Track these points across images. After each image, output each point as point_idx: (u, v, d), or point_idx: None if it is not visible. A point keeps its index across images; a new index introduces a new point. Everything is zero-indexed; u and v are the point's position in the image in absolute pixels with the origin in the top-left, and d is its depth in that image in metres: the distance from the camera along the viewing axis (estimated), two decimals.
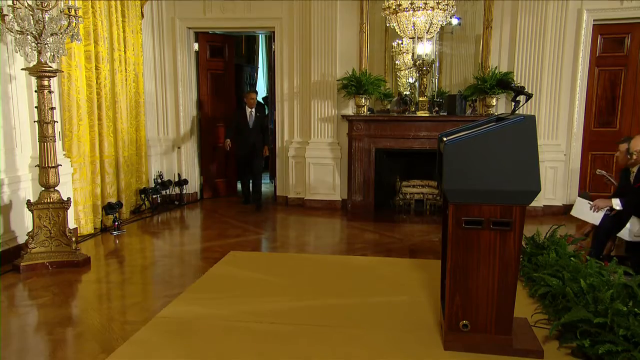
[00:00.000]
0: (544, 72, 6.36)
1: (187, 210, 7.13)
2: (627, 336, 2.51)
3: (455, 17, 6.43)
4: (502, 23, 6.42)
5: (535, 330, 3.05)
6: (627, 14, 6.24)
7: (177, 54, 7.23)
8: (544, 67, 6.34)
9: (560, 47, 6.34)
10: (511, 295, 2.80)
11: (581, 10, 6.29)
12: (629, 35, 6.39)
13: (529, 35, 6.29)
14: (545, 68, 6.36)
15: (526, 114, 2.80)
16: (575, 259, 3.78)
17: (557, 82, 6.42)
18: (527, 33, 6.29)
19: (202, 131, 7.68)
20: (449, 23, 6.31)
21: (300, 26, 6.89)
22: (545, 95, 6.41)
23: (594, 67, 6.50)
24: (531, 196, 2.67)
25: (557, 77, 6.41)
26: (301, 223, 6.40)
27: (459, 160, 2.68)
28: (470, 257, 2.79)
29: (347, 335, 3.11)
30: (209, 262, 4.61)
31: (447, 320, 2.91)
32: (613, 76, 6.51)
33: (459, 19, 6.66)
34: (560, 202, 6.64)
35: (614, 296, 2.81)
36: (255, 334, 3.12)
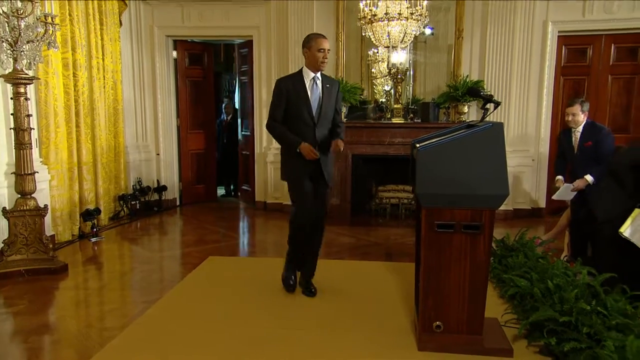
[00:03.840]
0: (513, 80, 6.48)
1: (166, 216, 7.04)
2: (590, 334, 2.56)
3: (428, 27, 6.52)
4: (473, 33, 6.53)
5: (505, 329, 3.10)
6: (589, 26, 6.40)
7: (156, 61, 7.16)
8: (512, 75, 6.46)
9: (527, 57, 6.47)
10: (482, 297, 2.84)
11: (546, 22, 6.44)
12: (591, 46, 6.56)
13: (498, 46, 6.41)
14: (514, 77, 6.48)
15: (494, 121, 2.85)
16: (542, 260, 3.86)
17: (525, 90, 6.55)
18: (496, 43, 6.41)
19: (182, 138, 7.61)
20: (422, 33, 6.39)
21: (278, 35, 6.90)
22: (514, 103, 6.53)
23: (559, 76, 6.65)
24: (500, 200, 2.71)
25: (525, 85, 6.54)
26: (280, 228, 6.36)
27: (430, 165, 2.71)
28: (442, 259, 2.82)
29: (324, 338, 3.10)
30: (188, 268, 4.56)
31: (421, 322, 2.93)
32: (577, 85, 6.67)
33: (431, 29, 6.75)
34: (530, 205, 6.76)
35: (579, 296, 2.87)
36: (234, 339, 3.09)
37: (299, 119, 3.59)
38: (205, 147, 7.88)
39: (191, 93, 7.62)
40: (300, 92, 3.58)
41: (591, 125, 4.49)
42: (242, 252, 5.36)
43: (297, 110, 3.58)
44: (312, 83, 3.60)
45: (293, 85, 3.58)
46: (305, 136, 3.57)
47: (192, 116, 7.67)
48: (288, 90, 3.57)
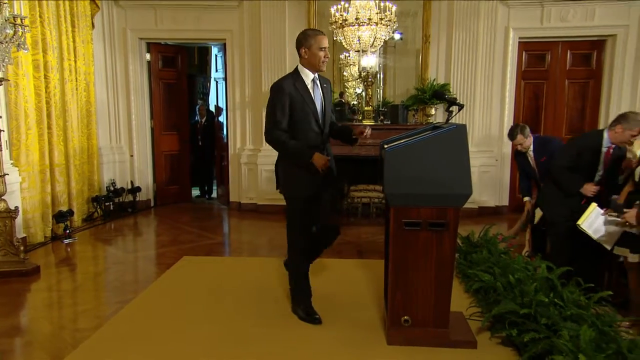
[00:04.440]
0: (477, 84, 6.60)
1: (140, 217, 6.92)
2: (548, 324, 2.64)
3: (397, 32, 6.59)
4: (439, 38, 6.63)
5: (470, 322, 3.16)
6: (547, 33, 6.58)
7: (129, 63, 7.03)
8: (476, 79, 6.58)
9: (490, 62, 6.61)
10: (448, 291, 2.89)
11: (508, 29, 6.59)
12: (549, 52, 6.75)
13: (463, 50, 6.52)
14: (478, 80, 6.60)
15: (458, 123, 2.90)
16: (505, 255, 3.95)
17: (488, 93, 6.68)
18: (461, 48, 6.52)
19: (155, 139, 7.49)
20: (391, 38, 6.46)
21: (251, 39, 6.87)
22: (478, 105, 6.66)
23: (520, 80, 6.81)
24: (463, 199, 2.77)
25: (489, 88, 6.67)
26: (254, 227, 6.35)
27: (398, 166, 2.75)
28: (410, 256, 2.86)
29: (296, 335, 3.11)
30: (163, 268, 4.50)
31: (390, 316, 2.97)
32: (536, 89, 6.85)
33: (400, 34, 6.83)
34: (494, 203, 6.90)
35: (537, 289, 2.96)
36: (208, 337, 3.07)
37: (307, 126, 3.12)
38: (179, 149, 7.78)
39: (165, 95, 7.52)
40: (304, 95, 3.11)
41: (540, 141, 4.59)
42: (217, 252, 5.30)
43: (304, 116, 3.10)
44: (312, 85, 3.17)
45: (295, 88, 3.10)
46: (313, 144, 3.12)
47: (166, 118, 7.57)
48: (291, 94, 3.08)
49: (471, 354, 2.83)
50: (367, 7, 5.71)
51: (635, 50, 6.39)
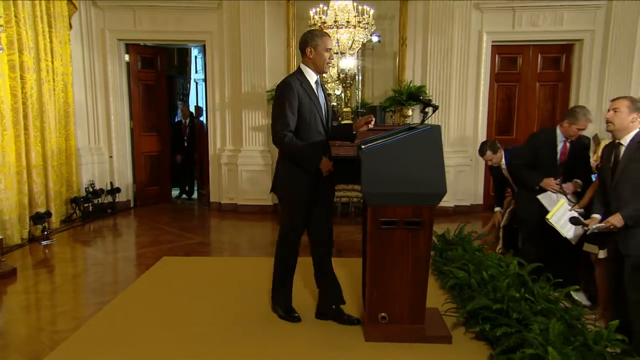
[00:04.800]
0: (452, 86, 6.67)
1: (120, 218, 6.81)
2: (519, 319, 2.69)
3: (375, 34, 6.62)
4: (415, 41, 6.69)
5: (445, 318, 3.20)
6: (518, 37, 6.70)
7: (108, 64, 6.91)
8: (452, 81, 6.65)
9: (465, 64, 6.69)
10: (423, 288, 2.92)
11: (481, 32, 6.68)
12: (521, 55, 6.88)
13: (438, 53, 6.59)
14: (453, 82, 6.67)
15: (433, 124, 2.94)
16: (479, 253, 4.01)
17: (463, 95, 6.76)
18: (436, 51, 6.59)
19: (135, 140, 7.38)
20: (369, 40, 6.49)
21: (230, 40, 6.83)
22: (453, 107, 6.73)
23: (493, 82, 6.92)
24: (438, 198, 2.80)
25: (464, 90, 6.76)
26: (234, 227, 6.31)
27: (374, 166, 2.77)
28: (386, 254, 2.89)
29: (276, 333, 3.11)
30: (142, 269, 4.44)
31: (367, 313, 2.99)
32: (509, 91, 6.97)
33: (378, 36, 6.86)
34: (469, 202, 6.99)
35: (510, 284, 3.01)
36: (187, 338, 3.04)
37: (314, 127, 3.01)
38: (159, 149, 7.68)
39: (144, 96, 7.41)
40: (311, 96, 3.00)
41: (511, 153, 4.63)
42: (197, 252, 5.25)
43: (311, 117, 2.99)
44: (317, 86, 3.07)
45: (303, 88, 2.98)
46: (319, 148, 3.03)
47: (146, 119, 7.47)
48: (300, 94, 2.95)
49: (446, 349, 2.87)
50: (345, 10, 5.73)
51: (600, 54, 6.55)
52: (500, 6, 6.58)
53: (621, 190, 2.83)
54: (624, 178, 2.82)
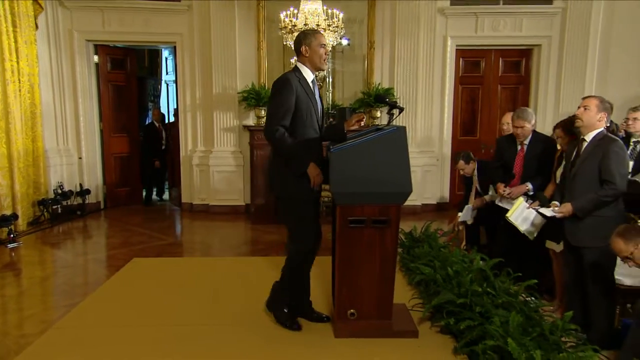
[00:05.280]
0: (419, 88, 6.76)
1: (89, 219, 6.63)
2: (481, 312, 2.75)
3: (344, 38, 6.64)
4: (383, 45, 6.75)
5: (412, 313, 3.25)
6: (481, 42, 6.85)
7: (76, 65, 6.71)
8: (418, 83, 6.74)
9: (430, 67, 6.79)
10: (390, 285, 2.95)
11: (446, 37, 6.80)
12: (483, 59, 7.03)
13: (405, 56, 6.67)
14: (420, 84, 6.76)
15: (398, 125, 2.97)
16: (444, 249, 4.08)
17: (429, 97, 6.86)
18: (403, 54, 6.66)
19: (105, 141, 7.20)
20: (339, 43, 6.50)
21: (201, 42, 6.74)
22: (420, 108, 6.82)
23: (458, 85, 7.05)
24: (404, 196, 2.83)
25: (430, 92, 6.86)
26: (206, 228, 6.23)
27: (342, 166, 2.77)
28: (355, 252, 2.90)
29: (246, 331, 3.08)
30: (113, 270, 4.34)
31: (337, 310, 3.00)
32: (473, 93, 7.11)
33: (348, 39, 6.89)
34: (435, 200, 7.10)
35: (473, 279, 3.08)
36: (159, 337, 2.99)
37: (310, 125, 2.95)
38: (129, 150, 7.52)
39: (114, 97, 7.24)
40: (308, 93, 2.94)
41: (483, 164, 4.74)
42: (168, 253, 5.16)
43: (308, 115, 2.93)
44: (313, 85, 3.01)
45: (301, 85, 2.91)
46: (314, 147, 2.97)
47: (116, 120, 7.29)
48: (298, 90, 2.88)
49: (413, 343, 2.91)
50: (315, 13, 5.72)
51: (557, 59, 6.77)
52: (463, 12, 6.72)
53: (576, 183, 2.93)
54: (581, 172, 2.91)
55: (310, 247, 3.06)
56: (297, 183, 2.95)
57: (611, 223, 2.79)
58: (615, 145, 2.82)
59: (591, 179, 2.85)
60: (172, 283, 3.98)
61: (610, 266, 2.89)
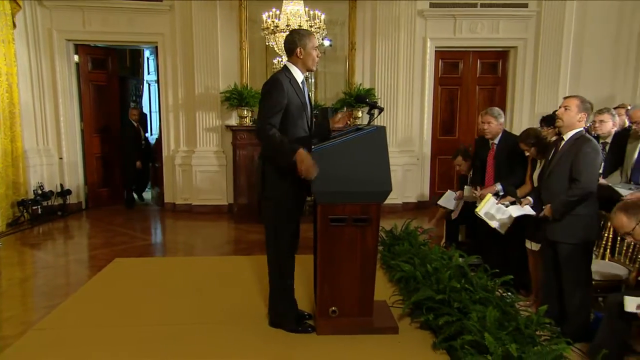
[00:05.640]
0: (399, 88, 6.79)
1: (71, 220, 6.51)
2: (460, 308, 2.78)
3: (326, 39, 6.64)
4: (364, 46, 6.76)
5: (392, 310, 3.26)
6: (459, 43, 6.92)
7: (56, 65, 6.57)
8: (399, 84, 6.77)
9: (411, 68, 6.83)
10: (371, 282, 2.96)
11: (425, 38, 6.85)
12: (462, 60, 7.11)
13: (385, 57, 6.69)
14: (400, 85, 6.79)
15: (378, 125, 2.98)
16: (424, 247, 4.11)
17: (409, 98, 6.89)
18: (384, 55, 6.68)
19: (86, 141, 7.07)
20: (321, 44, 6.49)
21: (183, 42, 6.67)
22: (400, 109, 6.86)
23: (437, 86, 7.11)
24: (384, 195, 2.84)
25: (410, 93, 6.89)
26: (189, 227, 6.17)
27: (323, 165, 2.76)
28: (336, 250, 2.91)
29: (229, 331, 3.06)
30: (94, 271, 4.27)
31: (319, 308, 3.00)
32: (452, 94, 7.18)
33: (330, 41, 6.89)
34: (416, 199, 7.15)
35: (451, 276, 3.10)
36: (139, 337, 2.95)
37: (300, 126, 2.91)
38: (111, 151, 7.39)
39: (95, 97, 7.11)
40: (299, 94, 2.90)
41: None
42: (151, 253, 5.10)
43: (298, 116, 2.88)
44: (302, 85, 2.96)
45: (291, 85, 2.87)
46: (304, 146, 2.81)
47: (97, 120, 7.17)
48: (289, 91, 2.83)
49: (393, 339, 2.92)
50: (297, 14, 5.70)
51: (532, 61, 6.88)
52: (442, 14, 6.77)
53: (552, 181, 2.98)
54: (556, 170, 2.96)
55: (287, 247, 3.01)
56: (286, 185, 2.89)
57: (585, 221, 2.86)
58: (587, 145, 2.85)
59: (565, 177, 2.90)
60: (154, 283, 3.93)
61: (587, 261, 2.95)
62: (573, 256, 2.88)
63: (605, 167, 3.92)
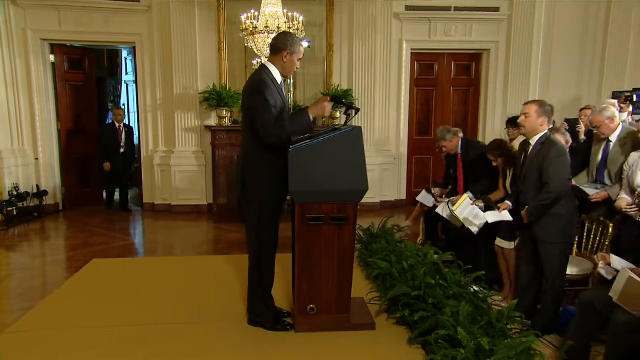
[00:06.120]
0: (376, 90, 6.82)
1: (47, 221, 6.35)
2: (434, 303, 2.81)
3: (305, 40, 6.62)
4: (342, 48, 6.78)
5: (370, 306, 3.28)
6: (434, 46, 6.99)
7: (31, 65, 6.40)
8: (376, 85, 6.81)
9: (387, 70, 6.87)
10: (348, 280, 2.96)
11: (402, 41, 6.90)
12: (436, 62, 7.19)
13: (363, 59, 6.71)
14: (377, 87, 6.83)
15: (355, 125, 2.99)
16: (400, 244, 4.14)
17: (386, 99, 6.94)
18: (361, 57, 6.71)
19: (63, 142, 6.91)
20: None
21: (161, 43, 6.57)
22: (378, 110, 6.90)
23: (413, 87, 7.17)
24: (360, 194, 2.84)
25: (387, 94, 6.94)
26: (169, 228, 6.08)
27: (301, 165, 2.76)
28: (314, 249, 2.90)
29: (208, 330, 3.03)
30: (71, 272, 4.18)
31: (297, 306, 2.99)
32: (427, 95, 7.26)
33: (308, 42, 6.87)
34: (393, 197, 7.20)
35: (426, 272, 3.13)
36: (117, 337, 2.90)
37: None
38: (89, 151, 7.23)
39: (72, 97, 6.96)
40: (280, 93, 2.88)
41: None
42: (130, 253, 5.01)
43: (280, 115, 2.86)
44: (281, 85, 2.94)
45: (274, 85, 2.84)
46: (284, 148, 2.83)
47: (75, 120, 7.01)
48: (273, 91, 2.81)
49: (370, 335, 2.94)
50: (276, 16, 5.68)
51: (504, 63, 7.01)
52: (417, 17, 6.84)
53: (527, 185, 3.03)
54: (529, 174, 3.01)
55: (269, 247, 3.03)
56: (268, 185, 2.89)
57: (565, 220, 2.95)
58: (554, 149, 2.91)
59: (537, 180, 2.96)
60: (133, 283, 3.86)
61: (565, 258, 3.02)
62: (553, 254, 2.95)
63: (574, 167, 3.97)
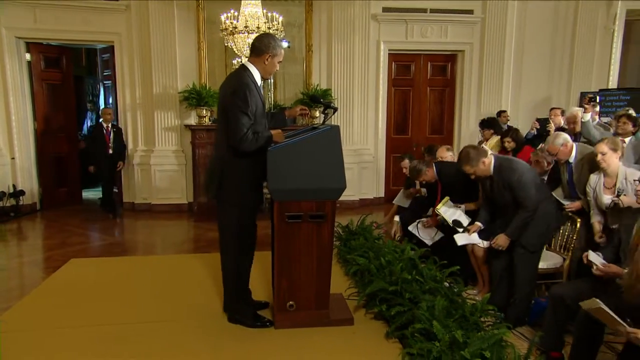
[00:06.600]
0: (355, 89, 6.84)
1: (24, 221, 6.18)
2: (411, 298, 2.84)
3: (284, 40, 6.59)
4: (321, 48, 6.78)
5: (348, 302, 3.29)
6: (411, 47, 7.06)
7: (6, 63, 6.21)
8: (354, 85, 6.82)
9: (366, 70, 6.89)
10: (327, 276, 2.97)
11: (379, 41, 6.93)
12: (413, 63, 7.25)
13: (341, 59, 6.72)
14: (356, 86, 6.84)
15: (333, 124, 2.99)
16: (378, 241, 4.16)
17: (365, 98, 6.96)
18: (340, 57, 6.72)
19: (40, 141, 6.73)
20: None
21: (140, 42, 6.46)
22: (356, 109, 6.92)
23: (391, 87, 7.22)
24: (338, 192, 2.85)
25: (365, 94, 6.96)
26: (149, 227, 5.99)
27: (280, 163, 2.75)
28: (293, 246, 2.89)
29: (187, 328, 3.00)
30: (49, 272, 4.08)
31: (276, 303, 2.99)
32: (404, 95, 7.32)
33: (288, 42, 6.84)
34: (372, 195, 7.23)
35: (403, 268, 3.16)
36: (95, 337, 2.85)
37: (260, 123, 2.85)
38: (67, 151, 7.07)
39: (49, 96, 6.79)
40: (260, 95, 2.86)
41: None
42: (109, 252, 4.91)
43: (260, 116, 2.83)
44: (260, 85, 2.90)
45: (253, 85, 2.79)
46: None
47: (52, 120, 6.84)
48: (254, 93, 2.78)
49: (349, 330, 2.95)
50: (255, 16, 5.64)
51: (478, 64, 7.12)
52: (394, 18, 6.88)
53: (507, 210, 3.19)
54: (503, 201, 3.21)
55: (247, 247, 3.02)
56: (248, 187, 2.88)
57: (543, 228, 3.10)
58: (513, 175, 3.08)
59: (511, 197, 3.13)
60: (112, 282, 3.80)
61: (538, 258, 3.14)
62: (527, 256, 3.08)
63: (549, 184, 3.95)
